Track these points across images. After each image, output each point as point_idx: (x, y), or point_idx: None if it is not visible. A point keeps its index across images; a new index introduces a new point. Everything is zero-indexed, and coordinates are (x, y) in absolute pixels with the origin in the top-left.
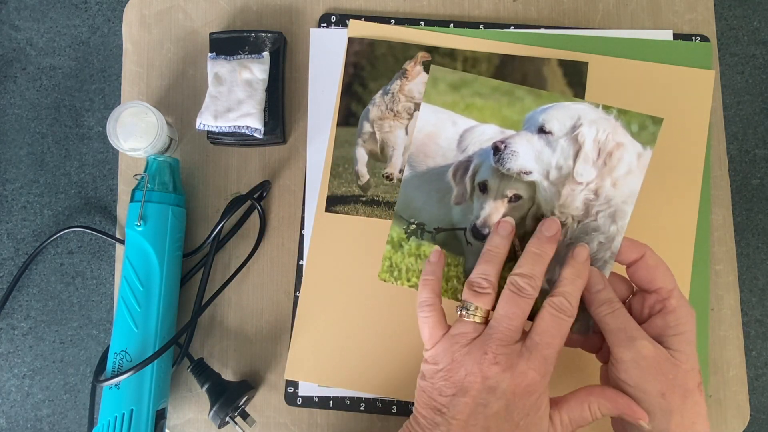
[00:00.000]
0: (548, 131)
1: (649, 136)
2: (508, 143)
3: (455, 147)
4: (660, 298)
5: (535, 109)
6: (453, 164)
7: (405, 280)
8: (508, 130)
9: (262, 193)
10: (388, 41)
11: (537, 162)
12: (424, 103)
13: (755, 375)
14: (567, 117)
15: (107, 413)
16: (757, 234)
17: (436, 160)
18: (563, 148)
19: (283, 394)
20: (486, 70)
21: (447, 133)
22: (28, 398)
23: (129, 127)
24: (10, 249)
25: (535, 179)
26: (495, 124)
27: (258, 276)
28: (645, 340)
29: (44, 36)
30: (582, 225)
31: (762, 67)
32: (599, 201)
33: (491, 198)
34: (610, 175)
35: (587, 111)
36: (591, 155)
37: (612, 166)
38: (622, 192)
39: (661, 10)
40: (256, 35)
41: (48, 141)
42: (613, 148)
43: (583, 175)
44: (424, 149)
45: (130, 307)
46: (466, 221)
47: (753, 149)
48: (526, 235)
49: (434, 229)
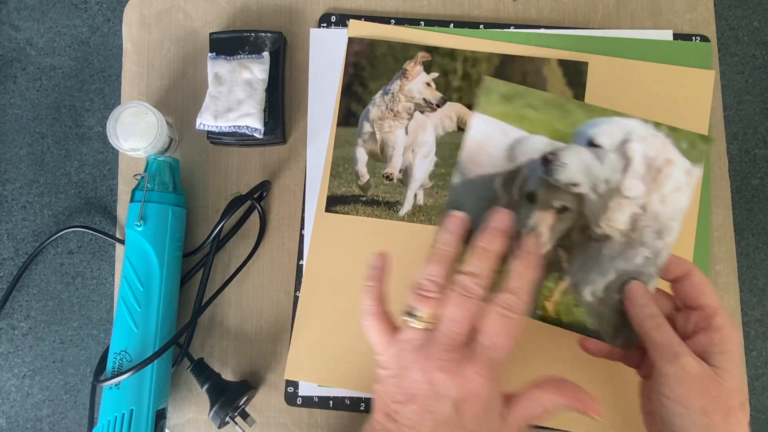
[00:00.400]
0: (598, 145)
1: (699, 154)
2: (557, 155)
3: (505, 156)
4: (705, 315)
5: (586, 123)
6: (502, 173)
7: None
8: (558, 142)
9: (262, 193)
10: (388, 41)
11: (585, 175)
12: (477, 113)
13: (755, 375)
14: (617, 132)
15: (107, 413)
16: (757, 234)
17: (485, 168)
18: (612, 163)
19: (283, 394)
20: (486, 70)
21: (497, 143)
22: (28, 398)
23: (129, 127)
24: (10, 249)
25: (582, 192)
26: (545, 136)
27: (258, 276)
28: (689, 356)
29: (44, 36)
30: (628, 239)
31: (762, 67)
32: (646, 216)
33: (538, 208)
34: (658, 191)
35: (637, 127)
36: (640, 170)
37: (661, 182)
38: (670, 208)
39: (661, 10)
40: (256, 35)
41: (48, 141)
42: (663, 165)
43: (631, 190)
44: (474, 157)
45: (130, 307)
46: (514, 233)
47: (753, 149)
48: (572, 247)
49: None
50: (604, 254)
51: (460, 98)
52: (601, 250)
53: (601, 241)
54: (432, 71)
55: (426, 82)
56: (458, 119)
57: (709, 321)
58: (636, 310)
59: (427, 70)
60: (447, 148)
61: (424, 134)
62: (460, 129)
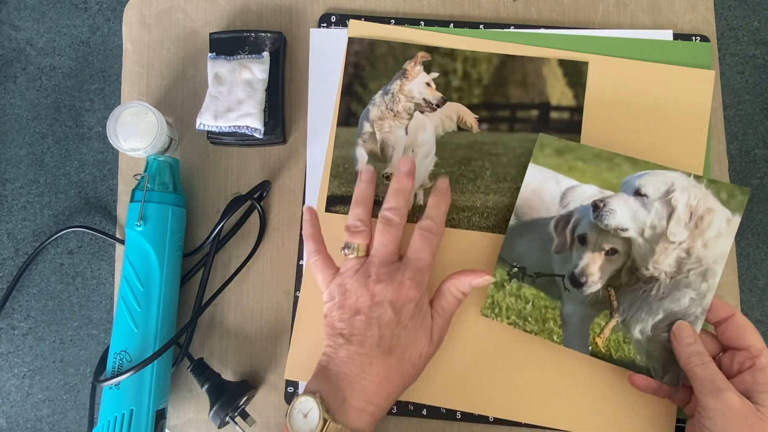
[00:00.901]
0: (644, 194)
1: (738, 204)
2: (606, 202)
3: (558, 202)
4: (750, 355)
5: (632, 174)
6: (555, 217)
7: (504, 318)
8: (607, 191)
9: (262, 193)
10: (388, 41)
11: (633, 221)
12: (532, 164)
13: None
14: (661, 183)
15: (107, 413)
16: (757, 234)
17: (540, 213)
18: (657, 210)
19: (283, 394)
20: (486, 70)
21: (551, 190)
22: (28, 398)
23: (129, 127)
24: (10, 249)
25: (630, 236)
26: (595, 185)
27: (258, 276)
28: (732, 392)
29: (44, 36)
30: (674, 281)
31: (762, 67)
32: (691, 260)
33: (589, 250)
34: (701, 237)
35: (680, 178)
36: (683, 218)
37: (703, 228)
38: (713, 252)
39: (661, 10)
40: (256, 35)
41: (48, 141)
42: (704, 213)
43: (676, 235)
44: (529, 202)
45: (130, 307)
46: (565, 269)
47: (753, 149)
48: (621, 287)
49: (534, 273)
50: (652, 295)
51: (460, 98)
52: (649, 290)
53: (649, 282)
54: (432, 71)
55: (426, 82)
56: (458, 119)
57: (754, 361)
58: (682, 348)
59: (427, 70)
60: (447, 148)
61: (424, 134)
62: (460, 129)
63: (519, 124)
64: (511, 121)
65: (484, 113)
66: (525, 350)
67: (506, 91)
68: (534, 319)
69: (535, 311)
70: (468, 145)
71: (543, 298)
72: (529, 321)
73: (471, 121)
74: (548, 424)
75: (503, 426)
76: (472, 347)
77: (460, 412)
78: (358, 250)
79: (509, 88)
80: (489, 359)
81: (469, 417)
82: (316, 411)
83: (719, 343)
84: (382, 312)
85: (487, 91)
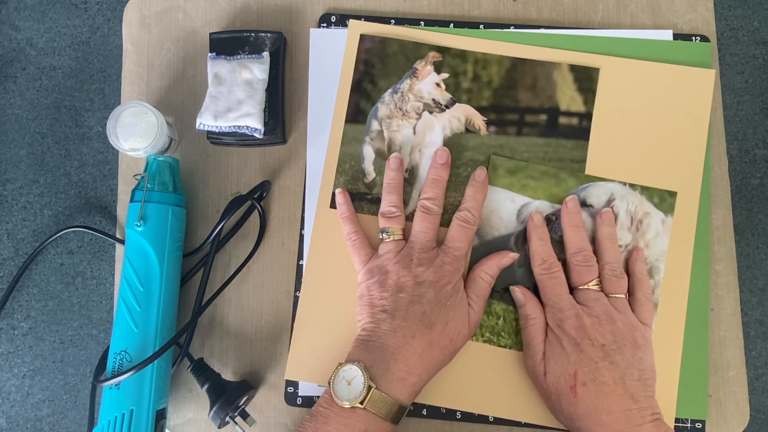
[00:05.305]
0: (589, 204)
1: (668, 206)
2: (557, 215)
3: (515, 219)
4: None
5: (577, 188)
6: (514, 234)
7: (480, 336)
8: (556, 204)
9: (262, 193)
10: (399, 39)
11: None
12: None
13: (755, 375)
14: (602, 193)
15: (107, 413)
16: (757, 234)
17: (500, 230)
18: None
19: (283, 394)
20: (496, 72)
21: (507, 208)
22: (28, 398)
23: (129, 127)
24: (10, 249)
25: None
26: (545, 200)
27: (258, 276)
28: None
29: (44, 36)
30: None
31: (762, 67)
32: None
33: None
34: (642, 238)
35: (617, 188)
36: (625, 223)
37: (643, 231)
38: (654, 251)
39: (661, 10)
40: (256, 35)
41: (48, 141)
42: (642, 217)
43: (621, 239)
44: (488, 222)
45: (130, 307)
46: (529, 281)
47: (753, 149)
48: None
49: (501, 289)
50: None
51: (469, 100)
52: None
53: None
54: (442, 72)
55: (436, 83)
56: (466, 121)
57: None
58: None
59: (438, 71)
60: (454, 149)
61: (431, 134)
62: (468, 130)
63: (527, 128)
64: (520, 124)
65: (492, 116)
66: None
67: (516, 94)
68: (507, 333)
69: (506, 325)
70: (475, 147)
71: (512, 312)
72: (502, 336)
73: (479, 124)
74: (548, 424)
75: (503, 426)
76: (472, 347)
77: (460, 412)
78: (394, 234)
79: (519, 92)
80: (489, 359)
81: (469, 417)
82: (361, 378)
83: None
84: (424, 291)
85: (497, 93)
